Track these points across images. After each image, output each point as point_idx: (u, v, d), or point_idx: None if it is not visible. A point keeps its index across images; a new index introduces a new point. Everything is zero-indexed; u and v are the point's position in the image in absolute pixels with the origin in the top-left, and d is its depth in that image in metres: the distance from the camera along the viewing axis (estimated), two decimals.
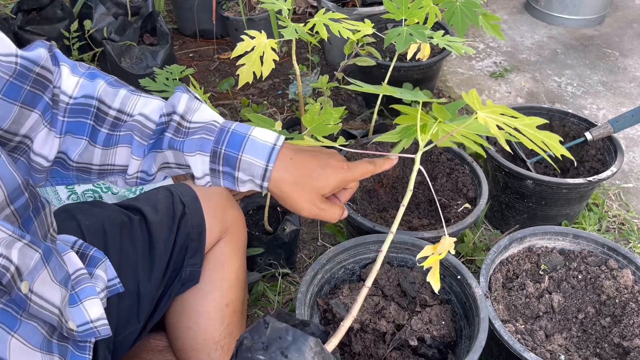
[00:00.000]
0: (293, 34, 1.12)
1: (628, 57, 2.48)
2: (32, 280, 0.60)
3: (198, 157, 0.68)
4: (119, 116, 0.72)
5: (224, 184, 0.70)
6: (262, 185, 0.69)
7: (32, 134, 0.66)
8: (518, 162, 1.58)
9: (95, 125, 0.71)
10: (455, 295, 1.08)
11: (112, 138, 0.72)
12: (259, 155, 0.68)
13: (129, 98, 0.72)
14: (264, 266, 1.44)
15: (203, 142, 0.68)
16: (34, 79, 0.65)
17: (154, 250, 0.91)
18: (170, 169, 0.74)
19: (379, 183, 1.48)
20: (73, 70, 0.71)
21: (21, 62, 0.63)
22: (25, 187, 0.62)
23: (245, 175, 0.68)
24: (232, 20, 2.40)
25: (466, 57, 2.47)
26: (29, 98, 0.64)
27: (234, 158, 0.68)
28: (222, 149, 0.68)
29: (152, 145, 0.71)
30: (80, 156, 0.71)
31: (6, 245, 0.56)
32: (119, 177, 0.75)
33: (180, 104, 0.71)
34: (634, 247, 1.57)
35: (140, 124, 0.70)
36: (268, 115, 2.10)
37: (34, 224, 0.65)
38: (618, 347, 1.03)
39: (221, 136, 0.68)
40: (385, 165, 0.77)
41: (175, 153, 0.70)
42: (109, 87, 0.72)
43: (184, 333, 0.97)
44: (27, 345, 0.60)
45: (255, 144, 0.68)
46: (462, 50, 1.24)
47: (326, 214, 0.72)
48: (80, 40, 2.06)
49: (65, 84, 0.69)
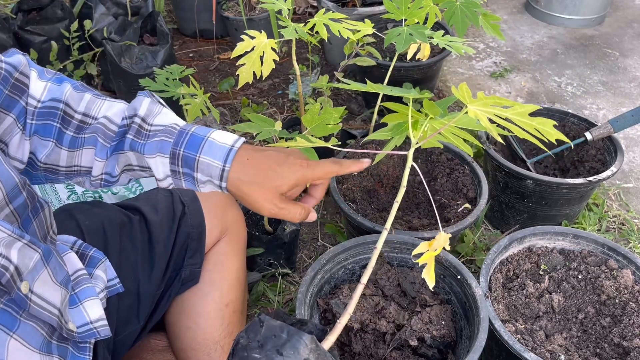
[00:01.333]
0: (293, 34, 1.12)
1: (628, 57, 2.48)
2: (32, 280, 0.60)
3: (158, 159, 0.70)
4: (84, 119, 0.74)
5: (185, 184, 0.72)
6: (220, 185, 0.70)
7: (5, 138, 0.68)
8: (518, 162, 1.58)
9: (61, 128, 0.73)
10: (455, 295, 1.08)
11: (77, 140, 0.73)
12: (216, 157, 0.69)
13: (93, 102, 0.74)
14: (264, 266, 1.44)
15: (163, 144, 0.70)
16: (12, 83, 0.67)
17: (154, 250, 0.91)
18: (133, 171, 0.75)
19: (379, 183, 1.48)
20: (40, 76, 0.73)
21: (5, 66, 0.66)
22: (22, 186, 0.63)
23: (204, 176, 0.70)
24: (232, 20, 2.40)
25: (466, 57, 2.47)
26: (6, 102, 0.67)
27: (192, 159, 0.69)
28: (180, 150, 0.69)
29: (115, 147, 0.73)
30: (47, 157, 0.73)
31: (6, 244, 0.56)
32: (85, 178, 0.77)
33: (141, 107, 0.73)
34: (634, 247, 1.57)
35: (103, 127, 0.72)
36: (268, 115, 2.10)
37: (33, 225, 0.66)
38: (618, 347, 1.03)
39: (180, 138, 0.70)
40: (353, 167, 0.75)
41: (137, 155, 0.72)
42: (74, 92, 0.74)
43: (184, 333, 0.97)
44: (26, 346, 0.60)
45: (213, 145, 0.69)
46: (462, 50, 1.24)
47: (287, 213, 0.71)
48: (80, 40, 2.06)
49: (33, 88, 0.72)
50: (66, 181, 0.78)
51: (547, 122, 0.60)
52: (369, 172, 1.47)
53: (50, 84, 0.73)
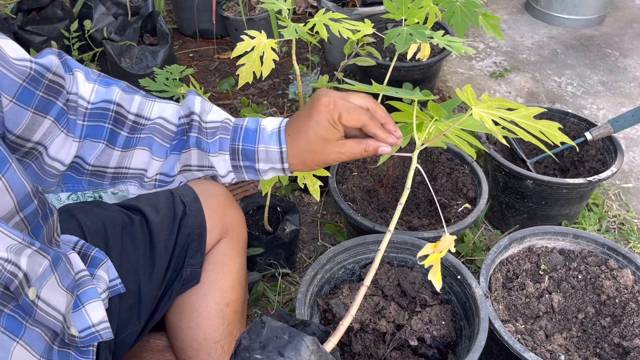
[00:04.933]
0: (293, 34, 1.12)
1: (628, 57, 2.48)
2: (39, 286, 0.60)
3: (220, 156, 0.74)
4: (137, 120, 0.75)
5: (248, 177, 0.77)
6: (283, 167, 0.74)
7: (45, 141, 0.67)
8: (518, 162, 1.58)
9: (114, 129, 0.73)
10: (455, 295, 1.08)
11: (131, 140, 0.75)
12: (271, 142, 0.73)
13: (144, 103, 0.76)
14: (264, 266, 1.44)
15: (222, 141, 0.74)
16: (46, 85, 0.66)
17: (155, 251, 0.91)
18: (190, 171, 0.77)
19: (379, 183, 1.48)
20: (87, 77, 0.73)
21: (35, 67, 0.64)
22: (34, 194, 0.62)
23: (266, 164, 0.74)
24: (232, 20, 2.40)
25: (466, 57, 2.47)
26: (42, 104, 0.65)
27: (252, 151, 0.74)
28: (239, 145, 0.74)
29: (175, 146, 0.75)
30: (97, 159, 0.73)
31: (15, 251, 0.56)
32: (132, 183, 0.78)
33: (196, 106, 0.75)
34: (634, 247, 1.57)
35: (160, 127, 0.74)
36: (268, 115, 2.10)
37: (44, 231, 0.65)
38: (618, 347, 1.03)
39: (236, 133, 0.74)
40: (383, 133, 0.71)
41: (200, 153, 0.75)
42: (124, 93, 0.75)
43: (184, 333, 0.97)
44: (30, 352, 0.60)
45: (265, 133, 0.74)
46: (462, 50, 1.24)
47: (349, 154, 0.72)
48: (80, 40, 2.06)
49: (82, 89, 0.72)
50: (109, 188, 0.78)
51: (552, 125, 0.61)
52: (369, 172, 1.47)
53: (97, 85, 0.73)
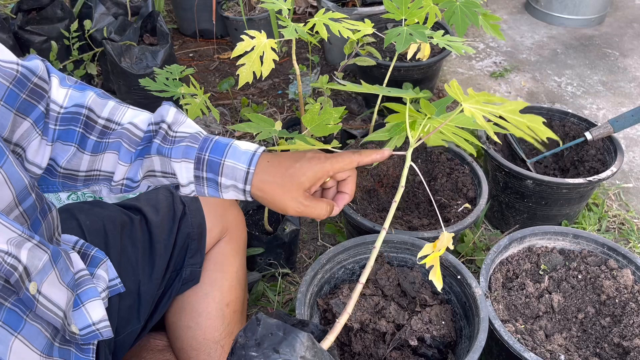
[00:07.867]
0: (293, 33, 1.12)
1: (628, 57, 2.48)
2: (40, 281, 0.60)
3: (183, 164, 0.71)
4: (107, 125, 0.74)
5: (208, 191, 0.72)
6: (245, 189, 0.70)
7: (23, 142, 0.68)
8: (518, 162, 1.58)
9: (84, 133, 0.73)
10: (455, 295, 1.08)
11: (100, 145, 0.74)
12: (240, 160, 0.70)
13: (117, 108, 0.75)
14: (264, 266, 1.44)
15: (188, 149, 0.71)
16: (31, 88, 0.67)
17: (155, 250, 0.91)
18: (155, 177, 0.76)
19: (379, 183, 1.48)
20: (62, 82, 0.74)
21: (22, 70, 0.65)
22: (31, 188, 0.63)
23: (228, 180, 0.70)
24: (232, 20, 2.40)
25: (466, 57, 2.47)
26: (23, 106, 0.66)
27: (217, 163, 0.70)
28: (206, 155, 0.70)
29: (140, 152, 0.73)
30: (68, 162, 0.74)
31: (16, 244, 0.56)
32: (103, 185, 0.77)
33: (168, 115, 0.74)
34: (634, 247, 1.57)
35: (128, 132, 0.73)
36: (268, 115, 2.10)
37: (42, 227, 0.66)
38: (618, 347, 1.03)
39: (205, 144, 0.71)
40: (374, 155, 0.74)
41: (162, 159, 0.73)
42: (98, 98, 0.75)
43: (184, 332, 0.97)
44: (29, 347, 0.60)
45: (237, 150, 0.71)
46: (462, 50, 1.24)
47: (312, 210, 0.71)
48: (80, 40, 2.06)
49: (56, 94, 0.72)
50: (83, 189, 0.78)
51: (537, 119, 0.60)
52: (369, 172, 1.47)
53: (72, 90, 0.74)
